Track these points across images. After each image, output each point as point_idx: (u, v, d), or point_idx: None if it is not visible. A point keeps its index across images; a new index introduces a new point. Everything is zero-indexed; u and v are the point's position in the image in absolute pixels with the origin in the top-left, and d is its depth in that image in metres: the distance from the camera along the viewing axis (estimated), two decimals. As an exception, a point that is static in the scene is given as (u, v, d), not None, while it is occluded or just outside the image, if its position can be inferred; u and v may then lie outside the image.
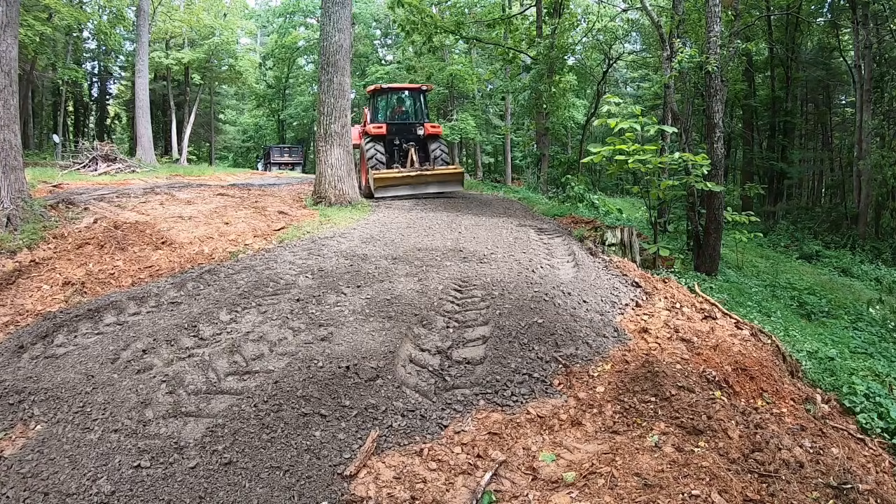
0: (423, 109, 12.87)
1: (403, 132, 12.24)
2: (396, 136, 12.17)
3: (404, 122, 12.55)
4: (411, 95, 13.01)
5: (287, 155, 31.79)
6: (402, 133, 12.24)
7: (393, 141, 12.14)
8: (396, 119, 12.60)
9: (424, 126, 12.23)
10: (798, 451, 2.58)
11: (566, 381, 3.33)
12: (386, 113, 12.54)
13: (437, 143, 12.23)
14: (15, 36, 6.88)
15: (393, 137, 12.12)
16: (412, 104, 12.96)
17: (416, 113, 12.87)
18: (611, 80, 27.93)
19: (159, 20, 26.93)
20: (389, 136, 12.04)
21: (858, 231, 18.03)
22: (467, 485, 2.43)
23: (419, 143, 12.19)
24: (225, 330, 3.99)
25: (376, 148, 11.59)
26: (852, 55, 19.93)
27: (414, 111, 12.92)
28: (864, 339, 6.25)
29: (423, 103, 12.96)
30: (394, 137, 12.13)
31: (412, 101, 12.97)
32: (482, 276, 5.04)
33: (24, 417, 3.07)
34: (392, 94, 12.98)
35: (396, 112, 12.81)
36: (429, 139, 12.20)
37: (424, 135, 12.13)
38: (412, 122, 12.48)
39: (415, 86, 13.41)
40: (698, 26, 11.17)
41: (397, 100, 12.96)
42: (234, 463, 2.54)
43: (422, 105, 12.90)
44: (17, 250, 6.28)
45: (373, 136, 11.78)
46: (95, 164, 15.95)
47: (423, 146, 12.26)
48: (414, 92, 13.02)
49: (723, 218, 8.03)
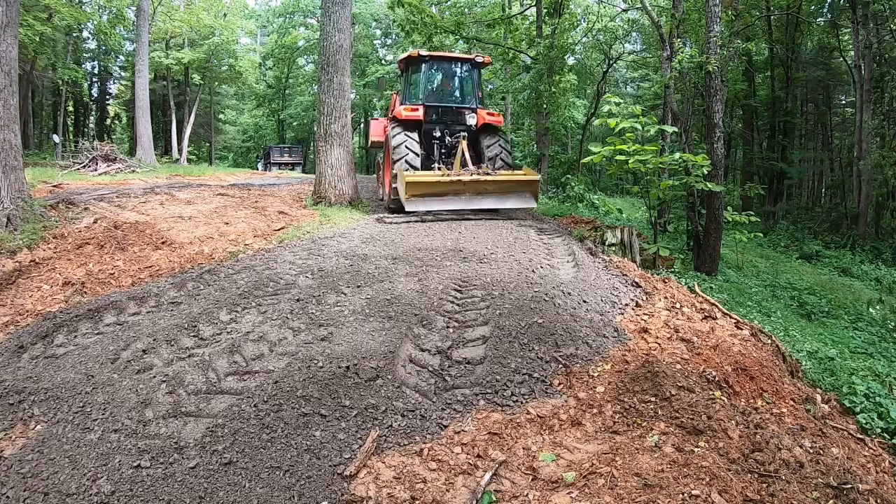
0: (475, 90, 9.36)
1: (448, 120, 9.01)
2: (437, 126, 8.92)
3: (450, 105, 9.26)
4: (461, 69, 9.47)
5: (287, 155, 31.78)
6: (446, 121, 9.00)
7: (432, 132, 8.90)
8: (438, 101, 9.24)
9: (478, 112, 8.91)
10: (798, 451, 2.58)
11: (566, 381, 3.33)
12: (425, 92, 9.13)
13: (495, 139, 8.90)
14: (15, 36, 6.88)
15: (433, 127, 8.89)
16: (461, 83, 9.54)
17: (466, 95, 9.44)
18: (611, 80, 27.95)
19: (159, 20, 26.92)
20: (428, 124, 8.81)
21: (858, 231, 18.02)
22: (467, 485, 2.43)
23: (470, 139, 8.76)
24: (225, 330, 3.99)
25: (409, 140, 8.29)
26: (852, 55, 19.92)
27: (463, 92, 9.53)
28: (864, 339, 6.24)
29: (477, 82, 9.41)
30: (433, 127, 8.90)
31: (461, 79, 9.51)
32: (482, 276, 5.03)
33: (24, 417, 3.07)
34: (434, 66, 9.30)
35: (438, 92, 9.48)
36: (483, 132, 8.93)
37: (477, 125, 8.85)
38: (461, 107, 9.16)
39: (467, 55, 9.67)
40: (698, 26, 11.17)
41: (442, 75, 9.54)
42: (234, 463, 2.54)
43: (474, 84, 9.37)
44: (17, 250, 6.28)
45: (404, 122, 8.47)
46: (95, 164, 15.95)
47: (475, 142, 8.91)
48: (465, 64, 9.37)
49: (723, 218, 8.03)
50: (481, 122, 8.88)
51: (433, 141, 8.92)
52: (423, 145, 8.73)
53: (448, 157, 8.94)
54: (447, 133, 8.97)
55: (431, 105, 8.95)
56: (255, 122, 45.07)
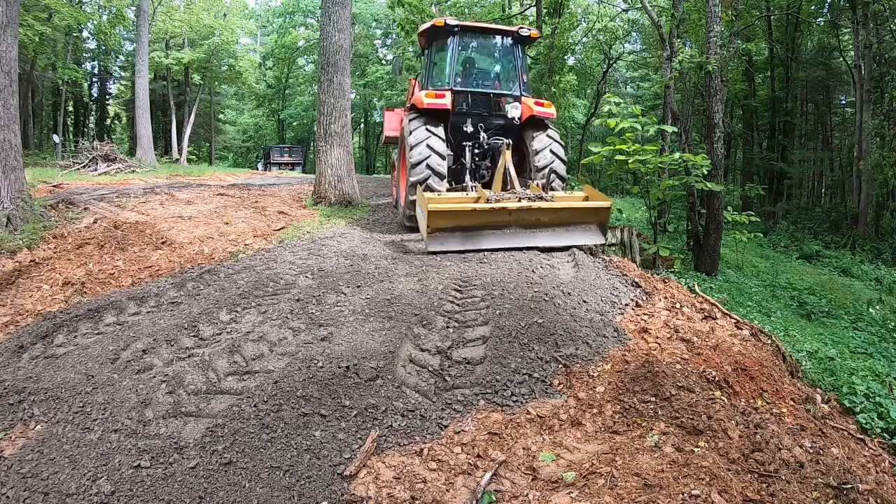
0: (520, 73, 7.11)
1: (483, 111, 6.99)
2: (469, 119, 6.82)
3: (486, 91, 7.15)
4: (501, 45, 7.36)
5: (287, 155, 31.77)
6: (481, 112, 6.97)
7: (463, 126, 6.82)
8: (471, 87, 7.11)
9: (522, 102, 6.86)
10: (798, 451, 2.58)
11: (566, 381, 3.33)
12: (453, 74, 6.79)
13: (547, 141, 6.68)
14: (15, 36, 6.88)
15: (463, 120, 6.80)
16: (500, 63, 7.51)
17: (508, 79, 7.35)
18: (611, 80, 27.95)
19: (159, 20, 26.93)
20: (457, 115, 6.77)
21: (858, 231, 18.03)
22: (467, 485, 2.43)
23: (512, 136, 6.75)
24: (225, 330, 3.99)
25: (432, 137, 6.29)
26: (852, 55, 19.93)
27: (503, 75, 7.45)
28: (864, 339, 6.25)
29: (522, 62, 7.19)
30: (464, 120, 6.80)
31: (501, 58, 7.48)
32: (482, 276, 5.03)
33: (24, 417, 3.07)
34: (467, 41, 7.17)
35: (471, 74, 7.35)
36: (529, 127, 6.83)
37: (521, 119, 6.83)
38: (499, 94, 7.13)
39: (509, 28, 7.34)
40: (698, 26, 11.19)
41: (476, 52, 7.46)
42: (234, 463, 2.54)
43: (518, 65, 7.15)
44: (17, 250, 6.28)
45: (426, 113, 6.46)
46: (95, 164, 15.96)
47: (518, 139, 6.87)
48: (507, 38, 7.19)
49: (723, 218, 8.05)
50: (527, 114, 6.74)
51: (463, 141, 6.84)
52: (451, 145, 6.75)
53: (483, 161, 6.91)
54: (482, 128, 6.83)
55: (461, 91, 6.85)
56: (255, 122, 45.09)
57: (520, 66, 7.17)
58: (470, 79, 7.29)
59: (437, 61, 7.28)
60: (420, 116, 6.47)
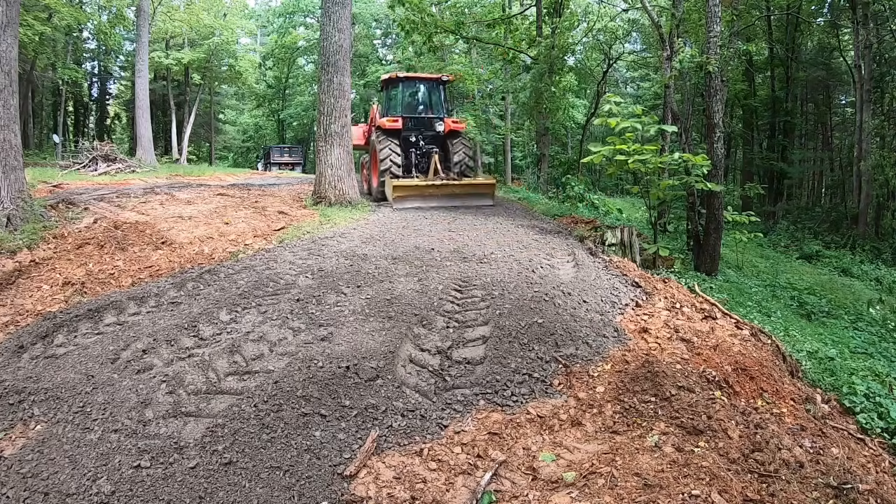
0: (442, 103, 11.62)
1: (421, 128, 10.99)
2: (413, 132, 10.87)
3: (422, 116, 11.25)
4: (430, 86, 11.72)
5: (287, 155, 31.77)
6: (420, 129, 10.97)
7: (409, 138, 10.82)
8: (413, 113, 11.26)
9: (445, 121, 10.96)
10: (798, 451, 2.58)
11: (566, 381, 3.33)
12: (401, 106, 11.18)
13: (460, 146, 10.92)
14: (15, 36, 6.88)
15: (409, 133, 10.83)
16: (430, 96, 11.70)
17: (435, 106, 11.61)
18: (611, 80, 27.94)
19: (159, 20, 26.92)
20: (406, 131, 10.73)
21: (858, 231, 18.02)
22: (467, 485, 2.43)
23: (439, 142, 10.93)
24: (225, 330, 3.99)
25: (391, 147, 10.20)
26: (852, 55, 19.92)
27: (432, 104, 11.66)
28: (864, 339, 6.24)
29: (443, 95, 11.76)
30: (410, 133, 10.83)
31: (431, 93, 11.70)
32: (482, 276, 5.03)
33: (24, 417, 3.07)
34: (408, 85, 11.57)
35: (413, 105, 11.51)
36: (450, 137, 10.99)
37: (445, 131, 10.90)
38: (431, 117, 11.18)
39: (434, 75, 12.42)
40: (698, 26, 11.18)
41: (413, 91, 11.64)
42: (234, 463, 2.54)
43: (441, 97, 11.65)
44: (17, 250, 6.27)
45: (386, 131, 10.42)
46: (95, 164, 15.96)
47: (443, 145, 10.98)
48: (432, 83, 11.75)
49: (723, 218, 8.03)
50: (448, 128, 10.91)
51: (410, 148, 10.85)
52: (403, 150, 10.59)
53: (422, 159, 10.92)
54: (421, 138, 10.95)
55: (407, 116, 10.97)
56: (255, 122, 45.07)
57: (443, 98, 11.72)
58: (412, 108, 11.47)
59: (392, 98, 11.46)
60: (384, 133, 10.47)
